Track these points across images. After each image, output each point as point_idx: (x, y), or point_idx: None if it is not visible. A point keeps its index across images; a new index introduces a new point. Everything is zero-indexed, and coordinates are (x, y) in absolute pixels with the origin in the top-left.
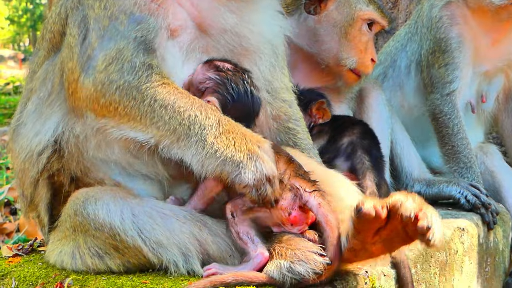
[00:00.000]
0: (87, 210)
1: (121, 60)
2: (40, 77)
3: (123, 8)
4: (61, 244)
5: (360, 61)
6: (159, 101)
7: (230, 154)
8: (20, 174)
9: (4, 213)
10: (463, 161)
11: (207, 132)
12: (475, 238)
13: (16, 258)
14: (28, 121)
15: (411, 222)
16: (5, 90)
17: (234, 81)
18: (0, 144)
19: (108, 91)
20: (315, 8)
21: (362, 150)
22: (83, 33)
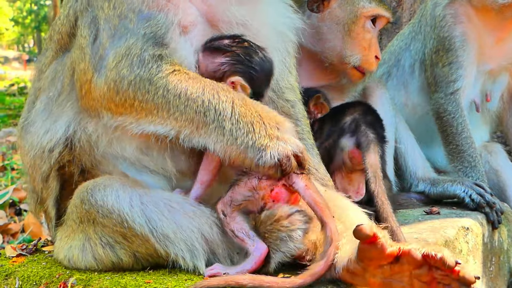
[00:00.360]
0: (94, 197)
1: (130, 55)
2: (48, 77)
3: (132, 7)
4: (70, 240)
5: (364, 59)
6: (172, 91)
7: (251, 142)
8: (31, 170)
9: (9, 214)
10: (467, 160)
11: (223, 118)
12: (479, 237)
13: (20, 258)
14: (37, 119)
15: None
16: (10, 91)
17: (246, 54)
18: (5, 145)
19: (121, 88)
20: (318, 6)
21: (366, 125)
22: (94, 34)
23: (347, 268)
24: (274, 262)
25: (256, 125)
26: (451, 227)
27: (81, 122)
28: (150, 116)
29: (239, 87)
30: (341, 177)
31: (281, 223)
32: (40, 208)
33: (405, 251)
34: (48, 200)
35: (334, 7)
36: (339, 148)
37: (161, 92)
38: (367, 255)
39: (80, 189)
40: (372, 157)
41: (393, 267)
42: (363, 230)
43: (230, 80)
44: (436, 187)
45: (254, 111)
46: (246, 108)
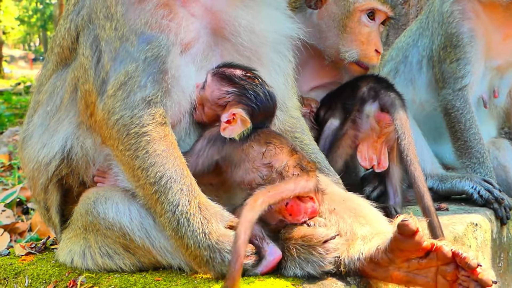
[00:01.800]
0: (97, 210)
1: (128, 86)
2: (47, 91)
3: (134, 28)
4: (70, 243)
5: (362, 53)
6: (138, 161)
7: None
8: (31, 181)
9: (17, 213)
10: (475, 156)
11: (172, 214)
12: (488, 233)
13: (29, 256)
14: (34, 133)
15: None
16: (16, 90)
17: (253, 89)
18: (12, 143)
19: (109, 123)
20: (316, 3)
21: (384, 89)
22: (97, 55)
23: (373, 258)
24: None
25: (192, 219)
26: (460, 223)
27: (79, 138)
28: (121, 166)
29: (238, 120)
30: (367, 147)
31: (316, 248)
32: (44, 215)
33: (437, 247)
34: (51, 209)
35: (330, 2)
36: (364, 116)
37: (130, 153)
38: (400, 246)
39: (84, 198)
40: (400, 112)
41: (422, 261)
42: (410, 226)
43: (232, 112)
44: (445, 184)
45: (197, 208)
46: (191, 211)
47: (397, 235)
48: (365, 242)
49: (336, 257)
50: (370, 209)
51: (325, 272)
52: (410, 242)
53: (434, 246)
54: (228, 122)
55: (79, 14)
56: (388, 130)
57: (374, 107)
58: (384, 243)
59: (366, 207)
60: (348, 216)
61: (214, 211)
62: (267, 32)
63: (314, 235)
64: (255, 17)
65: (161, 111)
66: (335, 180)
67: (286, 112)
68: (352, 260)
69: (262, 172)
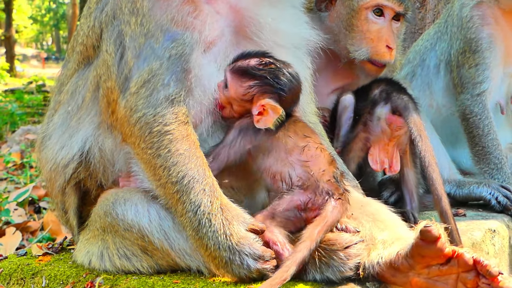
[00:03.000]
0: (116, 211)
1: (151, 84)
2: (69, 90)
3: (160, 24)
4: (88, 244)
5: (373, 50)
6: (160, 160)
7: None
8: (48, 183)
9: (29, 212)
10: (493, 162)
11: (194, 214)
12: (506, 239)
13: (46, 256)
14: (54, 134)
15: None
16: (28, 88)
17: (274, 76)
18: (24, 142)
19: (131, 120)
20: (326, 6)
21: (396, 92)
22: (120, 52)
23: (393, 263)
24: (310, 276)
25: (214, 219)
26: (478, 229)
27: (99, 138)
28: (141, 164)
29: (269, 110)
30: (379, 150)
31: (337, 253)
32: (62, 216)
33: (459, 254)
34: (69, 211)
35: (338, 4)
36: (375, 118)
37: (152, 151)
38: (421, 252)
39: (103, 199)
40: (414, 115)
41: (442, 268)
42: (432, 232)
43: (260, 103)
44: (462, 189)
45: (219, 219)
46: (213, 211)
47: (419, 241)
48: (385, 246)
49: (357, 263)
50: (388, 214)
51: (345, 277)
52: (432, 248)
53: (456, 253)
54: (259, 114)
55: (103, 11)
56: (399, 133)
57: (386, 110)
58: (404, 248)
59: (385, 212)
60: (366, 221)
61: (236, 213)
62: (289, 34)
63: (337, 240)
64: (279, 16)
65: (184, 110)
66: (353, 184)
67: (305, 117)
68: (371, 264)
69: (296, 169)
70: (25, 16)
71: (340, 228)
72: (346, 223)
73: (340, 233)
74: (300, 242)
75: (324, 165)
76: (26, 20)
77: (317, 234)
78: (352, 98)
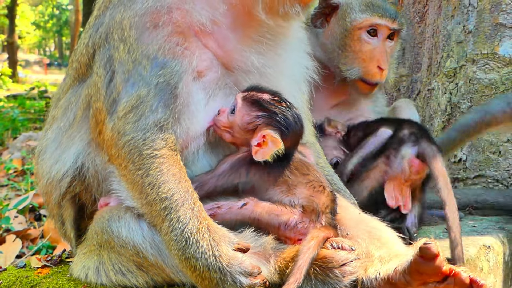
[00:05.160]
0: (111, 228)
1: (139, 110)
2: (62, 106)
3: (147, 53)
4: (85, 258)
5: (364, 70)
6: (150, 178)
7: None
8: (45, 196)
9: (29, 219)
10: None
11: (180, 232)
12: (500, 255)
13: (45, 269)
14: (48, 149)
15: None
16: (30, 94)
17: (281, 112)
18: (25, 149)
19: (119, 143)
20: (321, 22)
21: (426, 139)
22: (109, 75)
23: (390, 279)
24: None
25: (202, 240)
26: (472, 245)
27: (90, 154)
28: (126, 184)
29: (269, 141)
30: (393, 186)
31: (333, 271)
32: (59, 228)
33: (456, 273)
34: (66, 223)
35: (332, 22)
36: (399, 156)
37: (141, 172)
38: (420, 269)
39: (99, 217)
40: (440, 166)
41: (439, 285)
42: (432, 249)
43: (262, 134)
44: None
45: (207, 244)
46: (199, 237)
47: (418, 258)
48: (382, 263)
49: (352, 281)
50: (385, 232)
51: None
52: (430, 265)
53: (453, 271)
54: (258, 145)
55: (98, 31)
56: (416, 177)
57: (412, 152)
58: (402, 264)
59: (381, 230)
60: (362, 239)
61: (222, 233)
62: (282, 71)
63: (334, 258)
64: (270, 57)
65: (172, 137)
66: (350, 201)
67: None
68: (369, 280)
69: (300, 200)
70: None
71: (336, 246)
72: (341, 241)
73: (336, 250)
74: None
75: (327, 201)
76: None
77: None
78: (390, 134)
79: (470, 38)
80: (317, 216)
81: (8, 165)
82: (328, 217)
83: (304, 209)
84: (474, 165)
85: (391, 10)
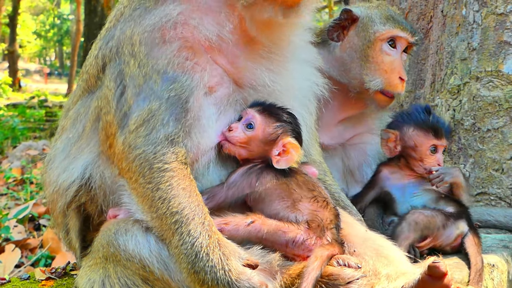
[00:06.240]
0: (118, 241)
1: (150, 124)
2: (71, 117)
3: (157, 68)
4: (90, 271)
5: (386, 82)
6: (159, 192)
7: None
8: (51, 204)
9: (28, 229)
10: None
11: (191, 246)
12: (504, 274)
13: (49, 281)
14: (56, 158)
15: None
16: (30, 103)
17: (294, 122)
18: (25, 158)
19: (130, 156)
20: (338, 35)
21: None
22: (120, 89)
23: None
24: None
25: (212, 254)
26: None
27: (100, 167)
28: (136, 198)
29: (290, 149)
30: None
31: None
32: (64, 238)
33: None
34: (71, 232)
35: (352, 34)
36: (455, 226)
37: (152, 186)
38: (427, 287)
39: (105, 229)
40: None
41: None
42: (440, 268)
43: (283, 143)
44: None
45: (218, 257)
46: (210, 250)
47: (425, 276)
48: (389, 280)
49: None
50: (392, 250)
51: None
52: (438, 284)
53: None
54: (279, 154)
55: (108, 44)
56: (448, 247)
57: (466, 229)
58: (409, 282)
59: (388, 248)
60: (369, 257)
61: (232, 248)
62: (291, 89)
63: (340, 275)
64: (279, 74)
65: (183, 151)
66: (357, 218)
67: (309, 157)
68: None
69: (304, 216)
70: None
71: (342, 263)
72: (347, 259)
73: (343, 268)
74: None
75: (330, 215)
76: (30, 35)
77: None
78: None
79: (474, 55)
80: (322, 232)
81: (7, 174)
82: (333, 232)
83: (309, 224)
84: (477, 182)
85: (410, 24)
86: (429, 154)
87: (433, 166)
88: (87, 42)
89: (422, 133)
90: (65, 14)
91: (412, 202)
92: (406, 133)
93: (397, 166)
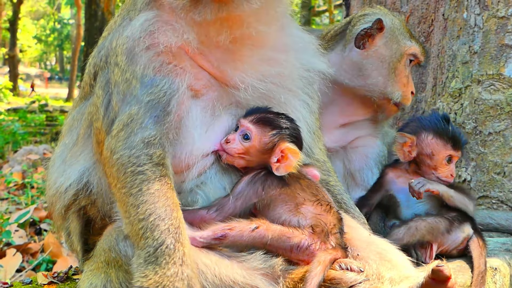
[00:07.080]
0: (119, 246)
1: (129, 128)
2: (68, 123)
3: (136, 73)
4: (92, 275)
5: (403, 95)
6: (132, 198)
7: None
8: (50, 207)
9: (29, 233)
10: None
11: (150, 249)
12: (507, 277)
13: (51, 286)
14: (55, 162)
15: None
16: (30, 108)
17: (291, 127)
18: (26, 162)
19: (111, 161)
20: (363, 43)
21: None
22: (108, 97)
23: None
24: None
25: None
26: None
27: (97, 172)
28: (117, 202)
29: (288, 154)
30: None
31: None
32: (66, 241)
33: None
34: (72, 235)
35: (379, 45)
36: (460, 230)
37: (125, 190)
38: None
39: (107, 235)
40: (480, 250)
41: None
42: (444, 272)
43: (280, 149)
44: None
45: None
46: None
47: (429, 280)
48: (393, 284)
49: None
50: (395, 253)
51: None
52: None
53: None
54: (278, 161)
55: (99, 54)
56: (454, 251)
57: (471, 233)
58: (413, 286)
59: (392, 252)
60: (373, 261)
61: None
62: (288, 85)
63: (342, 279)
64: (272, 70)
65: (159, 152)
66: (360, 221)
67: (312, 156)
68: None
69: (307, 220)
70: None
71: (345, 267)
72: (350, 263)
73: (345, 272)
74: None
75: (334, 220)
76: (31, 39)
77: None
78: None
79: (475, 58)
80: (326, 237)
81: (8, 179)
82: (337, 237)
83: (314, 229)
84: (478, 186)
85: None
86: (444, 164)
87: (445, 177)
88: (88, 47)
89: (441, 142)
90: (66, 19)
91: (416, 207)
92: (424, 140)
93: (404, 170)
